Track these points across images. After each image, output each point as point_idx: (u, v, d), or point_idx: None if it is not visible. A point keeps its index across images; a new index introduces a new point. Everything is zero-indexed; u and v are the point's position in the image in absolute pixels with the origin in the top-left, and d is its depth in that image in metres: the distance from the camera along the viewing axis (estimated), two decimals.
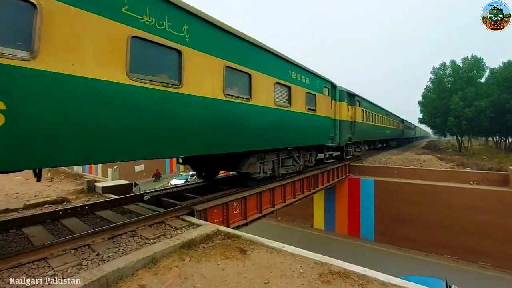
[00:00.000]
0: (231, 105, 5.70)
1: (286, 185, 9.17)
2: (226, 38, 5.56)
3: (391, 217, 15.95)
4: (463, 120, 26.99)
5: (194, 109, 4.85)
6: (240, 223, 6.96)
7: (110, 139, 3.60)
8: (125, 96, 3.73)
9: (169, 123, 4.39)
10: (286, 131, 7.93)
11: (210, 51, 5.11)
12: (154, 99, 4.14)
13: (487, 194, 13.68)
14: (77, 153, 3.28)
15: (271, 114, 7.13)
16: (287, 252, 3.81)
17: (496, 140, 43.03)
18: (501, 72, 29.71)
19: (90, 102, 3.33)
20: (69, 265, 3.20)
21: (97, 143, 3.46)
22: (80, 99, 3.24)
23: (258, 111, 6.59)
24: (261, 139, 6.85)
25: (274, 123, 7.30)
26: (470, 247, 13.72)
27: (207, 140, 5.18)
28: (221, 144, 5.53)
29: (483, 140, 54.44)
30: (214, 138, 5.33)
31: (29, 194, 7.83)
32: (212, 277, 3.13)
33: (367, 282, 3.01)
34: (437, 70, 31.40)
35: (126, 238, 4.10)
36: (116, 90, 3.60)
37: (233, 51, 5.74)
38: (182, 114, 4.63)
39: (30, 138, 2.84)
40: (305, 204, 16.85)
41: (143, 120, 3.98)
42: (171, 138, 4.47)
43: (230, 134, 5.74)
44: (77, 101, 3.21)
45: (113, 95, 3.59)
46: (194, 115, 4.84)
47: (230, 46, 5.69)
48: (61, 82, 3.04)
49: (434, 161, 20.55)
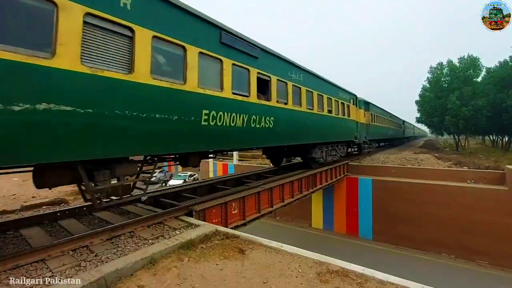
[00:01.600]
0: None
1: (284, 185, 9.19)
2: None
3: (389, 216, 16.02)
4: (460, 119, 27.19)
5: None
6: (239, 223, 6.96)
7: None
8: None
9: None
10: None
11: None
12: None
13: (484, 192, 13.77)
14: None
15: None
16: (285, 252, 3.82)
17: (492, 139, 43.33)
18: (497, 72, 29.96)
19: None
20: (67, 266, 3.19)
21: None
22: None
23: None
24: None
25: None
26: (467, 245, 13.81)
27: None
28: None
29: (480, 139, 54.79)
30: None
31: (27, 195, 7.80)
32: (211, 277, 3.13)
33: (365, 281, 3.02)
34: (434, 69, 31.60)
35: (124, 239, 4.09)
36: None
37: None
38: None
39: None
40: (303, 203, 16.89)
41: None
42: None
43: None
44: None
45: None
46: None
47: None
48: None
49: (432, 160, 20.66)
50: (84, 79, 3.38)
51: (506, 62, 29.59)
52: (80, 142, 3.38)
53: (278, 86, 7.89)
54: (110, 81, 3.67)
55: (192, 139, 5.01)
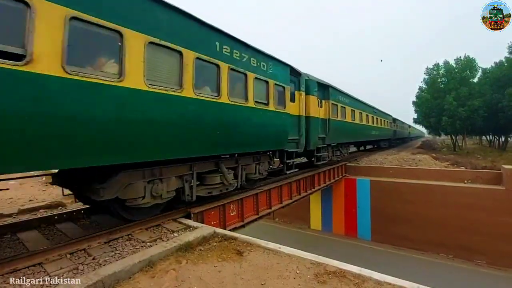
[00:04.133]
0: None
1: (282, 186, 9.20)
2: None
3: (388, 216, 16.07)
4: (457, 120, 27.36)
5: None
6: (237, 225, 6.96)
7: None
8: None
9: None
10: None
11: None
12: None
13: (481, 192, 13.85)
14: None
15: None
16: (283, 253, 3.84)
17: (489, 139, 43.61)
18: (493, 72, 30.21)
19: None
20: (65, 269, 3.19)
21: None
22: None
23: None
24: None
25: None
26: (465, 245, 13.87)
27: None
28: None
29: (477, 139, 55.14)
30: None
31: (24, 199, 7.76)
32: (209, 279, 3.14)
33: (362, 281, 3.05)
34: (431, 70, 31.82)
35: (122, 242, 4.09)
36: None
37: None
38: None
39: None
40: (302, 205, 16.88)
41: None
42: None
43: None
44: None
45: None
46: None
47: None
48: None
49: (429, 160, 20.76)
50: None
51: (502, 62, 29.87)
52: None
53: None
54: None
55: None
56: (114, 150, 3.80)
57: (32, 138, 2.96)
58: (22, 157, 2.94)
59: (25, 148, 2.94)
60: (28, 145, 2.94)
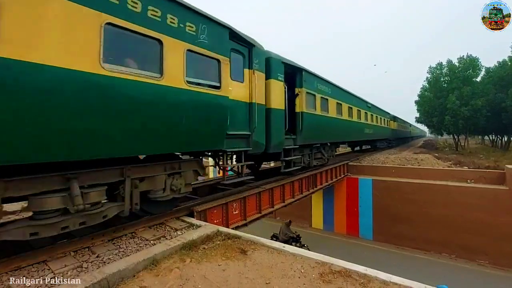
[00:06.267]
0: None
1: (285, 185, 9.18)
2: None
3: (390, 216, 16.02)
4: (460, 119, 27.22)
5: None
6: (240, 223, 6.95)
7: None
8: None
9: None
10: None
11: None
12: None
13: (484, 192, 13.79)
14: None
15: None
16: (287, 252, 3.82)
17: (492, 139, 43.38)
18: (497, 72, 30.02)
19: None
20: (69, 267, 3.18)
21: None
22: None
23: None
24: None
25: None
26: (468, 245, 13.82)
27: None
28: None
29: (479, 138, 54.88)
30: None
31: None
32: (213, 278, 3.13)
33: (368, 281, 3.02)
34: (434, 69, 31.64)
35: (126, 240, 4.08)
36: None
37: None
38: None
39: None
40: (303, 204, 16.87)
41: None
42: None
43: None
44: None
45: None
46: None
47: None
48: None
49: (432, 160, 20.68)
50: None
51: (505, 62, 29.66)
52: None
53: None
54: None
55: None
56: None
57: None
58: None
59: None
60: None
